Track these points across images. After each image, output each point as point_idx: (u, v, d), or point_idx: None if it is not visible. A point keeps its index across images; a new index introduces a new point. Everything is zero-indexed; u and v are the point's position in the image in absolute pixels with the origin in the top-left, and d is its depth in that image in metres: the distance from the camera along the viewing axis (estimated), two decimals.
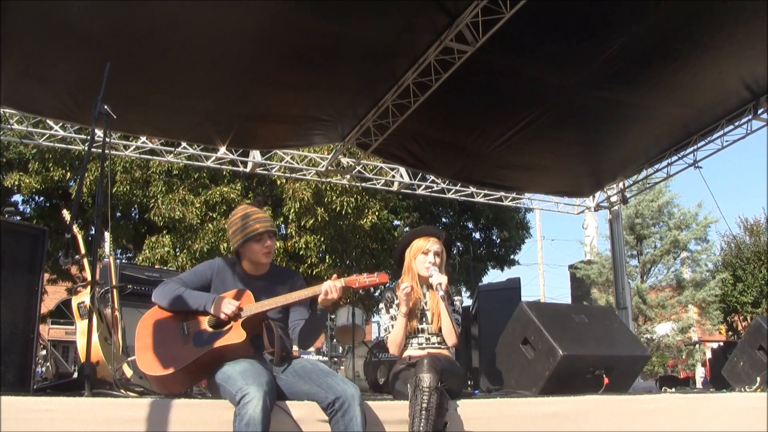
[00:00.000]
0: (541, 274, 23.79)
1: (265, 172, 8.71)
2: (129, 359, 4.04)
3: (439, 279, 3.24)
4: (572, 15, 4.88)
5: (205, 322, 2.87)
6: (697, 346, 15.43)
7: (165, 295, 2.90)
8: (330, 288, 2.89)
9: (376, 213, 13.10)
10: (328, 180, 9.61)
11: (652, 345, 15.20)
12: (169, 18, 4.78)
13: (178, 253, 12.39)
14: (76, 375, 3.37)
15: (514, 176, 8.25)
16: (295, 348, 3.18)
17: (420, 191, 9.02)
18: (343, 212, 12.35)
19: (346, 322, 7.24)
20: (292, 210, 12.24)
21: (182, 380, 2.86)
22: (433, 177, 8.76)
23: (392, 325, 3.38)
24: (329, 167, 8.37)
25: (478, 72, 5.51)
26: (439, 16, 4.98)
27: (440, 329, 3.37)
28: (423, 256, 3.43)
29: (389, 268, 15.03)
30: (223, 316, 2.81)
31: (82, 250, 4.22)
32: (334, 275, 2.96)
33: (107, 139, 3.38)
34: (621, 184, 8.84)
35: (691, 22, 5.04)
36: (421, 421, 2.73)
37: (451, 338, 3.34)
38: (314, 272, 12.69)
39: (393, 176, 8.79)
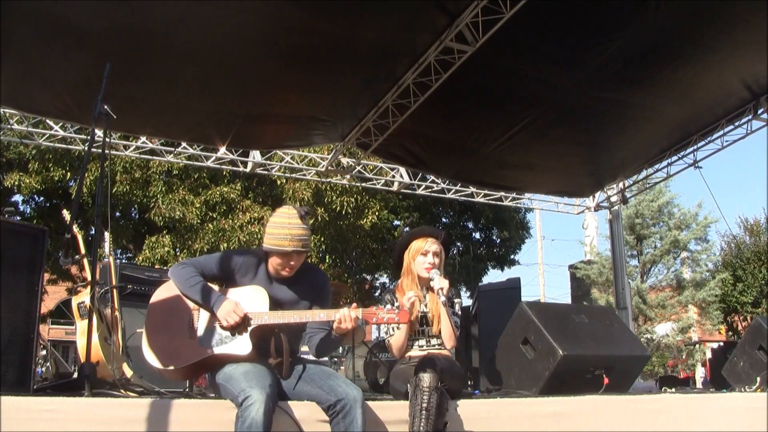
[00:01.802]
0: (541, 274, 23.82)
1: (265, 172, 8.71)
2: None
3: (441, 284, 3.23)
4: (572, 15, 4.88)
5: (214, 319, 2.81)
6: (697, 346, 15.44)
7: (179, 278, 2.81)
8: (344, 317, 2.76)
9: (376, 213, 13.10)
10: (328, 180, 9.61)
11: (652, 345, 15.21)
12: (169, 18, 4.78)
13: (178, 253, 12.38)
14: (76, 375, 3.37)
15: (514, 176, 8.25)
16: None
17: (420, 191, 9.02)
18: (343, 212, 12.35)
19: None
20: None
21: (181, 374, 2.87)
22: (433, 177, 8.76)
23: (393, 328, 3.38)
24: (329, 167, 8.37)
25: (478, 72, 5.51)
26: (439, 16, 4.98)
27: (440, 331, 3.37)
28: (422, 257, 3.42)
29: (389, 268, 15.06)
30: (225, 324, 2.74)
31: (82, 250, 4.22)
32: (354, 305, 2.82)
33: (107, 139, 3.38)
34: (621, 184, 8.85)
35: (691, 22, 5.04)
36: (421, 421, 2.73)
37: (450, 341, 3.33)
38: None
39: (393, 176, 8.79)
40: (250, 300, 2.84)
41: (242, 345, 2.75)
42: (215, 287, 2.90)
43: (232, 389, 2.58)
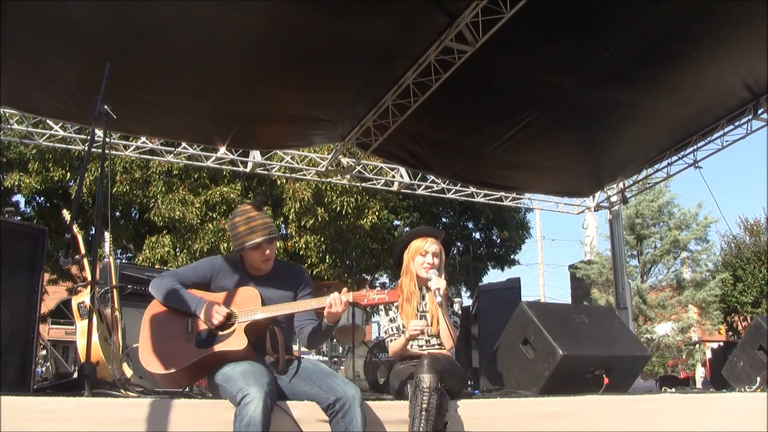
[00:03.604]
0: (541, 274, 23.82)
1: (265, 172, 8.72)
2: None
3: (438, 284, 3.22)
4: (572, 15, 4.88)
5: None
6: (697, 346, 15.43)
7: (159, 289, 2.88)
8: (334, 300, 2.79)
9: (376, 213, 13.10)
10: (328, 180, 9.61)
11: (652, 345, 15.20)
12: (170, 18, 4.78)
13: (178, 253, 12.39)
14: (76, 375, 3.37)
15: (514, 176, 8.25)
16: (294, 348, 3.17)
17: (420, 191, 9.02)
18: (343, 212, 12.35)
19: (346, 322, 7.23)
20: (292, 210, 12.25)
21: (181, 379, 2.87)
22: (433, 177, 8.76)
23: (392, 328, 3.38)
24: (329, 167, 8.37)
25: (479, 72, 5.51)
26: (439, 16, 4.98)
27: (440, 331, 3.37)
28: (421, 257, 3.42)
29: (389, 268, 15.04)
30: (209, 324, 2.77)
31: (82, 250, 4.22)
32: (345, 289, 2.86)
33: (107, 139, 3.38)
34: (621, 184, 8.84)
35: (691, 22, 5.04)
36: (421, 422, 2.73)
37: (448, 342, 3.34)
38: (314, 272, 12.69)
39: (393, 176, 8.79)
40: (242, 300, 2.87)
41: (238, 340, 2.77)
42: (203, 293, 2.92)
43: (230, 389, 2.58)
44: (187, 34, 4.98)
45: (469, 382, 5.59)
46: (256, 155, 8.09)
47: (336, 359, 8.78)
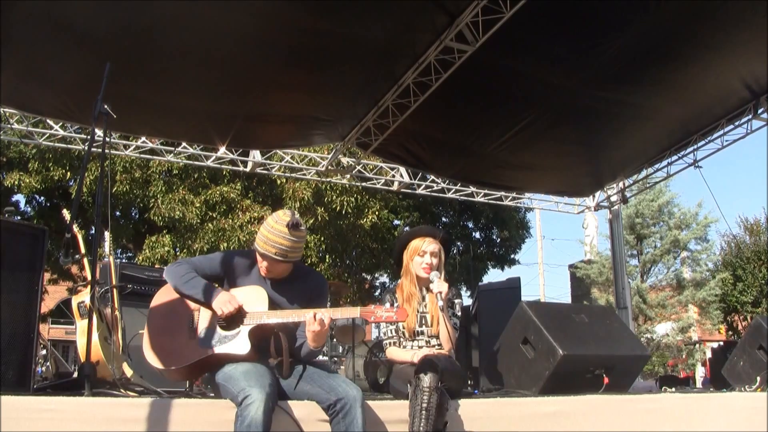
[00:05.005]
0: (541, 273, 23.82)
1: (265, 171, 8.72)
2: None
3: (440, 287, 3.21)
4: (572, 15, 4.88)
5: (214, 319, 2.82)
6: (697, 345, 15.46)
7: (174, 276, 2.83)
8: (309, 319, 2.72)
9: (376, 213, 13.09)
10: (328, 180, 9.61)
11: (652, 345, 15.21)
12: (169, 18, 4.78)
13: (178, 253, 12.38)
14: (76, 375, 3.37)
15: (514, 176, 8.25)
16: None
17: (420, 191, 9.02)
18: (343, 212, 12.35)
19: (346, 322, 7.23)
20: (292, 209, 12.23)
21: (182, 374, 2.88)
22: (433, 177, 8.76)
23: (391, 330, 3.38)
24: (329, 167, 8.37)
25: (478, 72, 5.51)
26: (439, 15, 4.98)
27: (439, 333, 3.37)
28: (419, 257, 3.42)
29: (389, 267, 15.06)
30: (219, 312, 2.74)
31: (82, 250, 4.22)
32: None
33: (107, 139, 3.38)
34: (621, 184, 8.84)
35: (692, 22, 5.04)
36: (421, 421, 2.73)
37: (447, 345, 3.34)
38: None
39: (393, 176, 8.80)
40: (249, 299, 2.85)
41: (241, 344, 2.75)
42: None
43: (231, 389, 2.58)
44: (188, 34, 4.98)
45: (469, 382, 5.59)
46: (256, 155, 8.09)
47: (336, 359, 8.78)
